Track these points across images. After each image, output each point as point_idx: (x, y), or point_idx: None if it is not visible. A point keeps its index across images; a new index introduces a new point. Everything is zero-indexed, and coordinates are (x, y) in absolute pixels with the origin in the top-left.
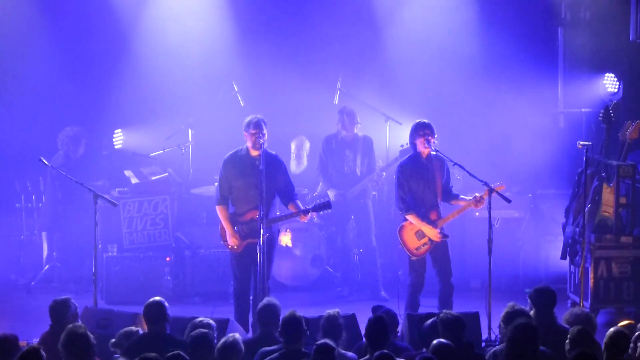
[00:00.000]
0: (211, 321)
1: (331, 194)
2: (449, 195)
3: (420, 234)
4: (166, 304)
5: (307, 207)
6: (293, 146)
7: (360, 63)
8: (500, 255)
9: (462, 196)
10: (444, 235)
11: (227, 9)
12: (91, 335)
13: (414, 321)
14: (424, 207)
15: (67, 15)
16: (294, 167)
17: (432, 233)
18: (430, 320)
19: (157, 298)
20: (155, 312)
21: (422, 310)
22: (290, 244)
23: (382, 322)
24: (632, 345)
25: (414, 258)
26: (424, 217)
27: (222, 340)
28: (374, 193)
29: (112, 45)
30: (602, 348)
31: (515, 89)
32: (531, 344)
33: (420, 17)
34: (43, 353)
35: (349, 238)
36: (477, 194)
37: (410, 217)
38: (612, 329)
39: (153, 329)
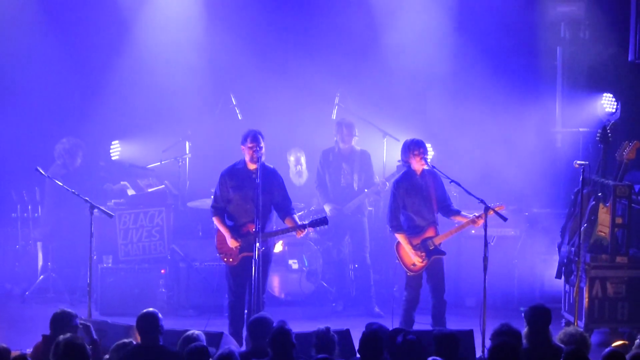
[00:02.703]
0: (202, 335)
1: (327, 209)
2: (449, 211)
3: (418, 250)
4: (160, 315)
5: (304, 223)
6: (292, 159)
7: (359, 79)
8: (495, 273)
9: (463, 212)
10: (441, 252)
11: (226, 21)
12: (88, 347)
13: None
14: (423, 223)
15: (65, 26)
16: (296, 180)
17: (416, 259)
18: (400, 337)
19: (151, 309)
20: (148, 324)
21: (416, 327)
22: (281, 248)
23: (375, 337)
24: None
25: (410, 274)
26: (421, 234)
27: (219, 352)
28: (370, 209)
29: (110, 56)
30: None
31: (513, 108)
32: None
33: (420, 36)
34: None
35: (344, 253)
36: (476, 214)
37: (399, 237)
38: (607, 350)
39: (146, 341)
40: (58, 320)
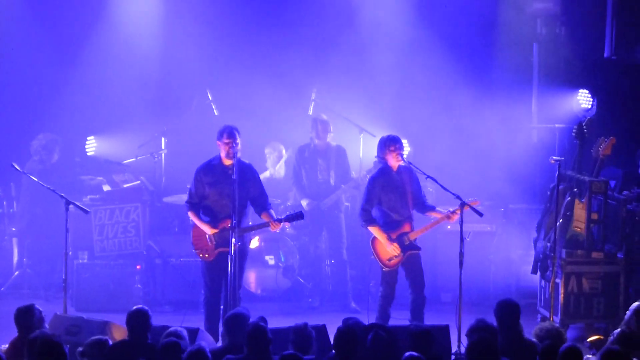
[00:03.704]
0: (184, 331)
1: (304, 204)
2: (424, 207)
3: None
4: (150, 312)
5: (280, 217)
6: (269, 152)
7: (336, 74)
8: (471, 268)
9: (438, 208)
10: (416, 248)
11: (202, 16)
12: (64, 345)
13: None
14: (398, 219)
15: (39, 21)
16: (274, 172)
17: (391, 248)
18: (371, 334)
19: (140, 306)
20: (139, 320)
21: (392, 322)
22: (257, 244)
23: (350, 333)
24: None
25: (385, 269)
26: (397, 229)
27: (189, 349)
28: (346, 204)
29: (85, 51)
30: None
31: (489, 104)
32: (489, 358)
33: (395, 33)
34: (3, 355)
35: (321, 249)
36: (450, 209)
37: (374, 230)
38: (565, 346)
39: (135, 337)
40: (19, 320)
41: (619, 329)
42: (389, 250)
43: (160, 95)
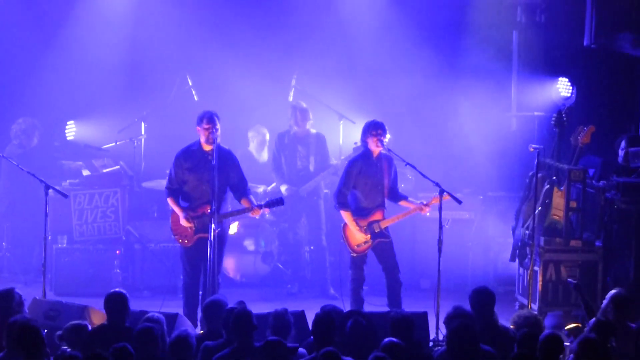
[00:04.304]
0: (162, 317)
1: (283, 190)
2: (396, 196)
3: (364, 232)
4: (127, 295)
5: (260, 203)
6: (252, 135)
7: (316, 61)
8: (450, 256)
9: (410, 199)
10: (386, 236)
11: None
12: (42, 330)
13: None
14: (370, 205)
15: (16, 4)
16: (258, 155)
17: (360, 236)
18: (350, 322)
19: (118, 289)
20: (117, 304)
21: (373, 308)
22: (235, 230)
23: (328, 319)
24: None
25: (354, 255)
26: (368, 216)
27: (176, 334)
28: (326, 191)
29: (66, 33)
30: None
31: (468, 91)
32: (470, 344)
33: (377, 18)
34: None
35: (300, 235)
36: (424, 201)
37: (345, 215)
38: (545, 333)
39: (113, 321)
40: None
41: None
42: (357, 237)
43: (141, 80)
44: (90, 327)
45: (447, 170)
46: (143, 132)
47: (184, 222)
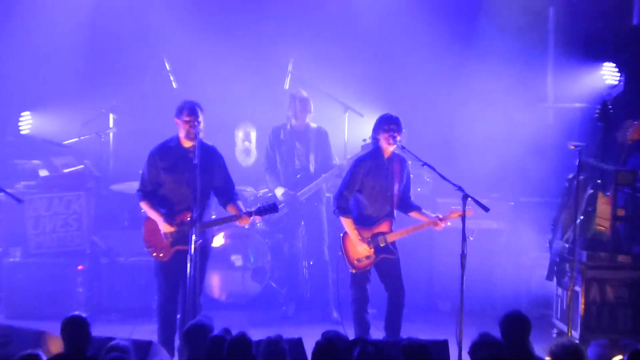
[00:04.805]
0: (131, 345)
1: (279, 194)
2: (407, 206)
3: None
4: (88, 320)
5: (250, 210)
6: (240, 134)
7: (316, 42)
8: (474, 273)
9: (424, 211)
10: (391, 252)
11: None
12: None
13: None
14: (376, 214)
15: None
16: (243, 159)
17: (361, 249)
18: (357, 350)
19: (77, 313)
20: (75, 330)
21: (381, 335)
22: (221, 242)
23: (330, 348)
24: None
25: (353, 271)
26: (373, 226)
27: None
28: (328, 195)
29: (19, 13)
30: None
31: (497, 79)
32: None
33: None
34: None
35: (298, 248)
36: (440, 215)
37: (345, 223)
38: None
39: (72, 350)
40: None
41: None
42: (359, 249)
43: (109, 64)
44: (45, 358)
45: (471, 172)
46: (112, 126)
47: (165, 228)
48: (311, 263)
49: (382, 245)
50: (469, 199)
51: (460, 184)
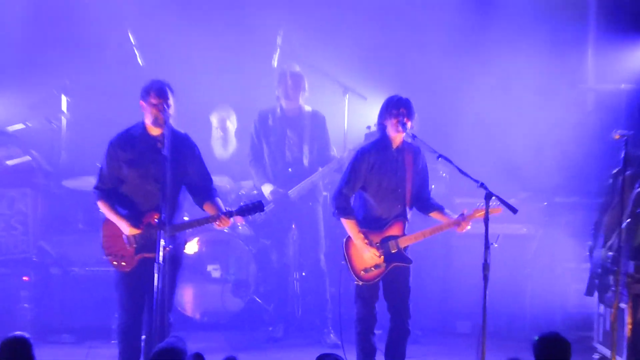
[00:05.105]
0: None
1: (266, 192)
2: (426, 205)
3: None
4: (31, 342)
5: (230, 209)
6: (215, 120)
7: (311, 10)
8: (500, 287)
9: (447, 211)
10: (405, 260)
11: None
12: None
13: None
14: (386, 214)
15: None
16: (219, 150)
17: (369, 257)
18: None
19: (19, 333)
20: (14, 354)
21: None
22: (196, 252)
23: None
24: None
25: (359, 283)
26: (382, 230)
27: None
28: (325, 194)
29: None
30: None
31: (527, 57)
32: None
33: None
34: None
35: (288, 256)
36: (465, 210)
37: (347, 225)
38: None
39: None
40: None
41: None
42: (365, 257)
43: (61, 35)
44: None
45: (495, 167)
46: (65, 110)
47: (129, 231)
48: (304, 274)
49: (393, 251)
50: (493, 198)
51: (482, 180)
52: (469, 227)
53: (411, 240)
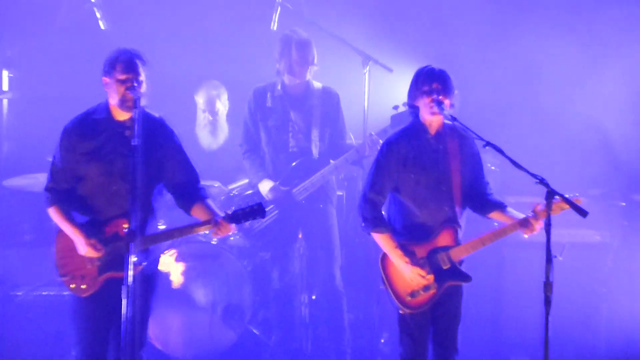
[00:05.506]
0: None
1: (265, 190)
2: (484, 202)
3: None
4: None
5: (222, 214)
6: (201, 101)
7: None
8: (566, 311)
9: (509, 209)
10: (462, 277)
11: None
12: None
13: None
14: (431, 221)
15: None
16: (206, 139)
17: (414, 277)
18: None
19: None
20: None
21: None
22: (175, 270)
23: None
24: None
25: (404, 312)
26: (428, 240)
27: None
28: (339, 193)
29: None
30: None
31: (590, 37)
32: None
33: None
34: None
35: (294, 274)
36: (538, 205)
37: (381, 240)
38: None
39: None
40: None
41: None
42: (409, 277)
43: None
44: None
45: (557, 158)
46: (6, 88)
47: (87, 251)
48: (314, 297)
49: (445, 267)
50: (557, 196)
51: (542, 174)
52: (540, 228)
53: (467, 250)
